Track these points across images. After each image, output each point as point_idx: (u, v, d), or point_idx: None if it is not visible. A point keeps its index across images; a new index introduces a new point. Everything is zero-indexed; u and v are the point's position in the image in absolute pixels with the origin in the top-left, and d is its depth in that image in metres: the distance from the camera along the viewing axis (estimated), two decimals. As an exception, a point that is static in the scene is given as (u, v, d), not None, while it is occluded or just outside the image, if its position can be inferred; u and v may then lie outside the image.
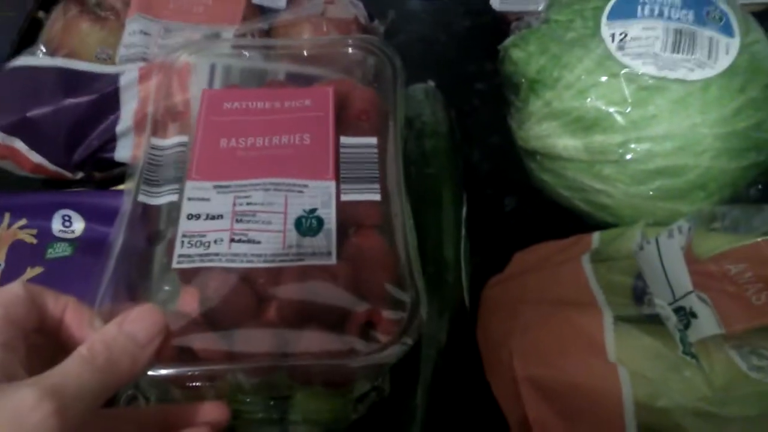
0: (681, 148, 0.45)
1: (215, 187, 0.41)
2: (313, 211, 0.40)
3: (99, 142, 0.52)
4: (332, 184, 0.41)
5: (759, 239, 0.41)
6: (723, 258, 0.40)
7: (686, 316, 0.37)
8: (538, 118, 0.49)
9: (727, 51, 0.46)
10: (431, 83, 0.60)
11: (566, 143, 0.48)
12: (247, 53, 0.53)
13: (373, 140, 0.44)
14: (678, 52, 0.46)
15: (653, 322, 0.38)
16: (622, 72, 0.46)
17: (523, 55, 0.51)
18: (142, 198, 0.42)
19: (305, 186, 0.41)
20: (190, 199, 0.40)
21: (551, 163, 0.50)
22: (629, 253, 0.42)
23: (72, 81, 0.52)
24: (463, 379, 0.42)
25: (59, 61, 0.53)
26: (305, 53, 0.52)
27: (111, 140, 0.53)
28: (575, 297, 0.40)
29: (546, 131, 0.49)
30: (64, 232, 0.51)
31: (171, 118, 0.48)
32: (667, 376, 0.35)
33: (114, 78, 0.52)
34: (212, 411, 0.31)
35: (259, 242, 0.38)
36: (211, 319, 0.36)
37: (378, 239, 0.40)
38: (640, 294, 0.41)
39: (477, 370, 0.42)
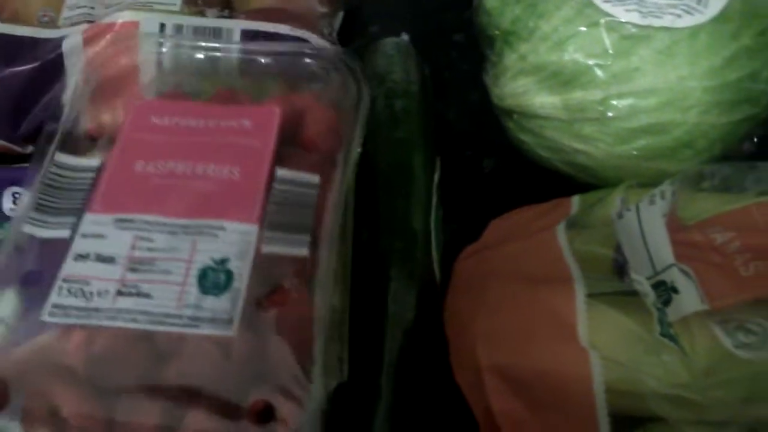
0: (667, 104, 0.41)
1: (116, 221, 0.35)
2: (224, 262, 0.33)
3: (46, 113, 0.49)
4: (254, 229, 0.34)
5: (750, 203, 0.37)
6: (710, 225, 0.36)
7: (667, 291, 0.34)
8: (513, 74, 0.45)
9: (719, -7, 0.42)
10: (405, 37, 0.57)
11: (543, 101, 0.44)
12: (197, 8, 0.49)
13: (315, 179, 0.37)
14: (664, -3, 0.42)
15: (631, 300, 0.35)
16: (603, 21, 0.42)
17: (497, 4, 0.46)
18: (27, 228, 0.36)
19: (221, 228, 0.34)
20: (84, 235, 0.34)
21: (528, 122, 0.46)
22: (608, 220, 0.39)
23: (12, 48, 0.48)
24: (432, 363, 0.39)
25: (-3, 26, 0.50)
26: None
27: (59, 110, 0.49)
28: (549, 272, 0.37)
29: (521, 88, 0.45)
30: (16, 211, 0.48)
31: (90, 133, 0.43)
32: (642, 360, 0.32)
33: (57, 43, 0.48)
34: None
35: (150, 297, 0.32)
36: (94, 378, 0.31)
37: (295, 310, 0.33)
38: (621, 267, 0.37)
39: (446, 353, 0.39)
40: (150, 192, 0.36)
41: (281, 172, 0.37)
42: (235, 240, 0.34)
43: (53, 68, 0.48)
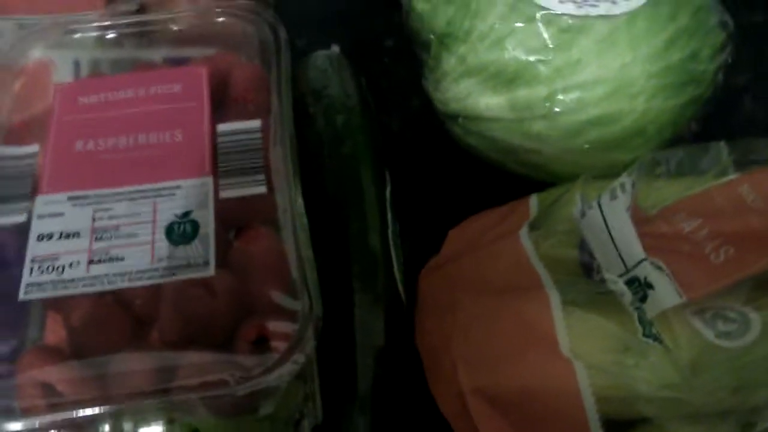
0: (613, 93, 0.40)
1: (70, 198, 0.36)
2: (187, 214, 0.35)
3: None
4: (209, 180, 0.36)
5: (710, 186, 0.37)
6: (674, 213, 0.36)
7: (641, 287, 0.33)
8: (454, 77, 0.44)
9: (650, -24, 0.41)
10: (335, 48, 0.54)
11: (488, 102, 0.43)
12: (112, 37, 0.46)
13: (256, 124, 0.39)
14: (598, -15, 0.41)
15: (608, 300, 0.34)
16: (539, 15, 0.41)
17: (427, 6, 0.45)
18: None
19: (177, 187, 0.36)
20: (40, 216, 0.35)
21: (475, 125, 0.45)
22: (571, 220, 0.38)
23: None
24: (409, 389, 0.37)
25: None
26: (178, 29, 0.45)
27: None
28: (517, 280, 0.36)
29: (465, 91, 0.43)
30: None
31: (27, 124, 0.42)
32: (628, 364, 0.31)
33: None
34: None
35: (122, 259, 0.33)
36: (80, 351, 0.31)
37: (265, 240, 0.35)
38: (588, 267, 0.36)
39: (423, 378, 0.37)
40: (98, 168, 0.37)
41: (222, 127, 0.39)
42: (193, 193, 0.36)
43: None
